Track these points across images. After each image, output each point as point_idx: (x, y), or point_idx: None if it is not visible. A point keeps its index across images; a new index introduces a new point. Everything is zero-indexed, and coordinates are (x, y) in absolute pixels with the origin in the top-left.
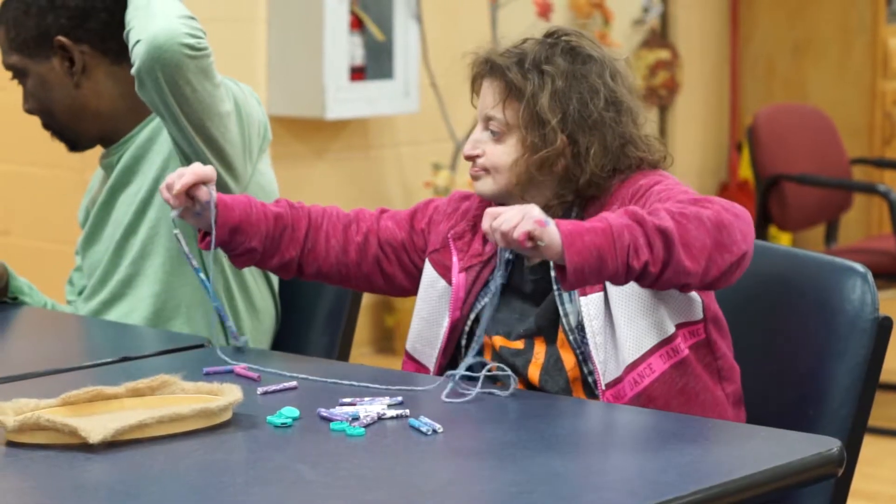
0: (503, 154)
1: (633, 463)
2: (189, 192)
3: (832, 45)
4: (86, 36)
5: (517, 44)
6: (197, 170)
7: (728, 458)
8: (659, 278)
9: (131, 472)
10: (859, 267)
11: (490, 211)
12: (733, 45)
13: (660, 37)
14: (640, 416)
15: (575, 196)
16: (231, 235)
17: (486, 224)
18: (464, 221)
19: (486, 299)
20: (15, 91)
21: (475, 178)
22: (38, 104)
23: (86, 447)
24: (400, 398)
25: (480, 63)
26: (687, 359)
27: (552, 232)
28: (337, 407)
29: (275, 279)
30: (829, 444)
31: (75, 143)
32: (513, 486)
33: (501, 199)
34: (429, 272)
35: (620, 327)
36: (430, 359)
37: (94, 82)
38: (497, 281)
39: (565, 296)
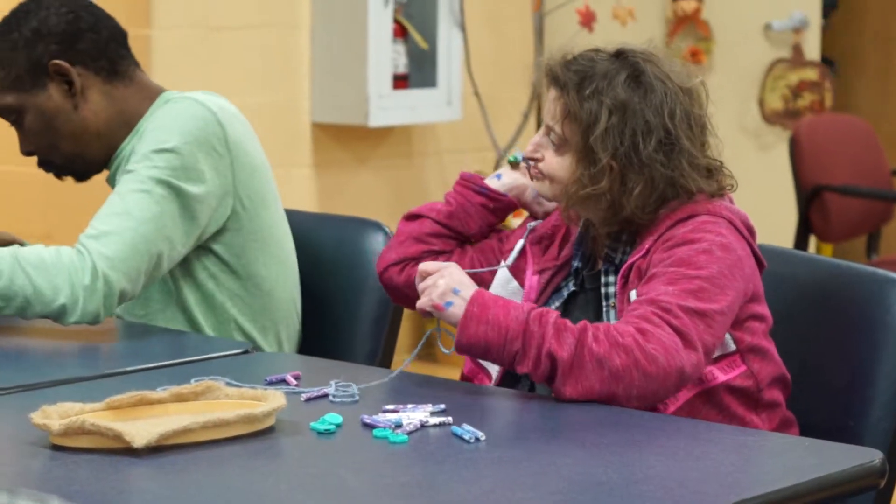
0: (559, 167)
1: (674, 472)
2: None
3: (873, 55)
4: (78, 57)
5: (588, 54)
6: None
7: (769, 469)
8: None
9: (175, 476)
10: None
11: (422, 268)
12: None
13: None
14: (682, 425)
15: (620, 226)
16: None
17: (417, 279)
18: (544, 227)
19: (557, 304)
20: None
21: (534, 178)
22: (40, 139)
23: (130, 451)
24: (443, 405)
25: (546, 72)
26: (716, 389)
27: (451, 314)
28: (380, 414)
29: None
30: (871, 456)
31: (84, 172)
32: (555, 494)
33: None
34: (503, 272)
35: None
36: (496, 366)
37: (91, 103)
38: (569, 288)
39: (612, 312)
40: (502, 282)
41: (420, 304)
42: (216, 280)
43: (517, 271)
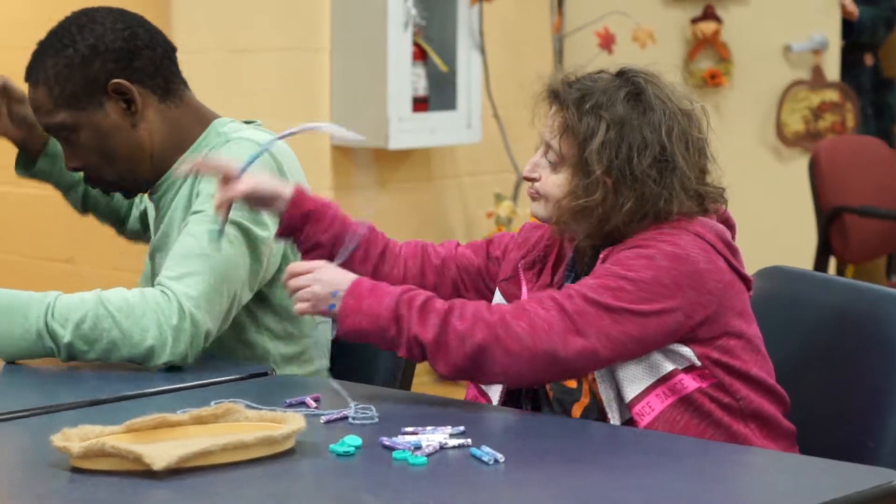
0: (555, 185)
1: (692, 494)
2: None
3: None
4: (135, 75)
5: (591, 74)
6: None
7: (786, 490)
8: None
9: (195, 499)
10: None
11: (291, 269)
12: None
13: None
14: (699, 446)
15: (602, 241)
16: (303, 222)
17: (287, 279)
18: (535, 251)
19: None
20: None
21: (531, 198)
22: (92, 156)
23: (150, 474)
24: (462, 427)
25: (547, 90)
26: (691, 397)
27: (335, 314)
28: (399, 436)
29: None
30: (888, 477)
31: (133, 190)
32: None
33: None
34: (498, 300)
35: (616, 370)
36: (496, 387)
37: (147, 122)
38: None
39: None
40: None
41: (300, 310)
42: (254, 318)
43: (510, 295)
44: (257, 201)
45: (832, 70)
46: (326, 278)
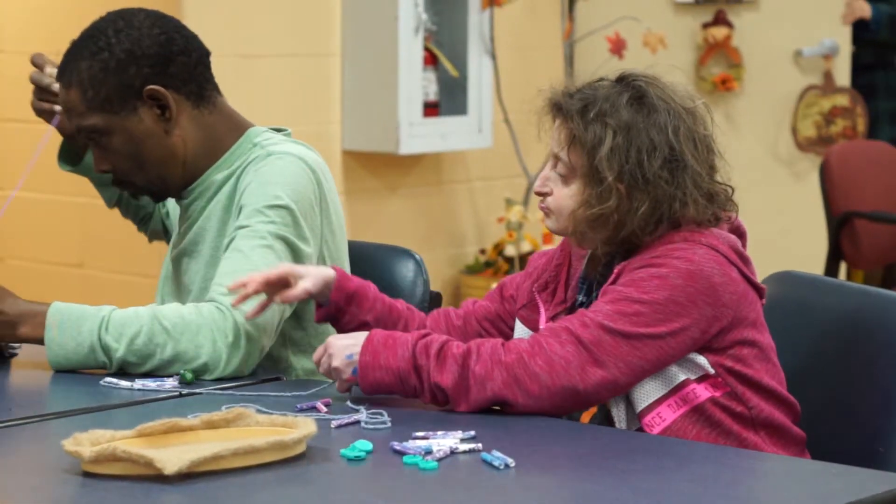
0: (566, 198)
1: (704, 499)
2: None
3: None
4: (170, 81)
5: (591, 83)
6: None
7: (798, 495)
8: None
9: (206, 503)
10: None
11: (315, 359)
12: None
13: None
14: (711, 451)
15: (617, 247)
16: (347, 303)
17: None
18: (545, 273)
19: None
20: None
21: (543, 213)
22: (124, 161)
23: (161, 478)
24: (473, 432)
25: (549, 104)
26: (703, 406)
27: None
28: (410, 440)
29: None
30: None
31: (162, 194)
32: None
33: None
34: (519, 328)
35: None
36: None
37: (181, 128)
38: None
39: None
40: (521, 336)
41: (339, 389)
42: (282, 332)
43: (531, 322)
44: (311, 295)
45: (843, 75)
46: (336, 349)
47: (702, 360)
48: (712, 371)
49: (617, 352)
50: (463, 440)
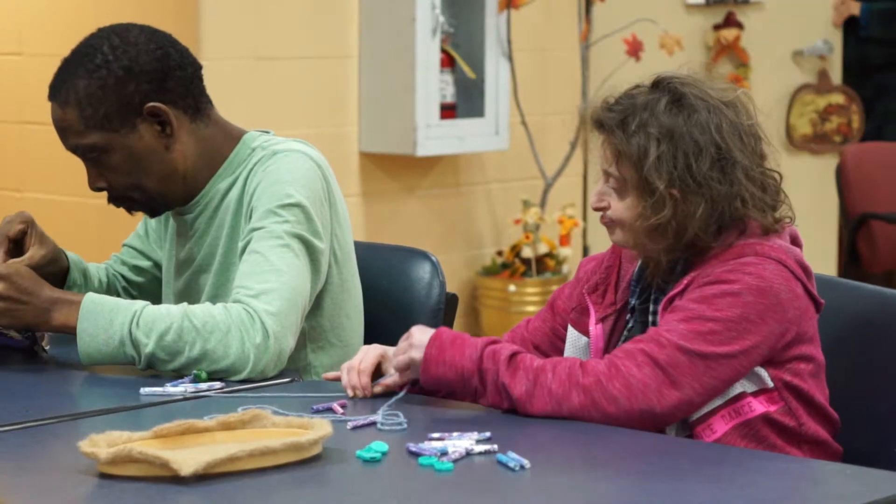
0: (625, 210)
1: (719, 501)
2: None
3: None
4: (169, 97)
5: (628, 92)
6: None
7: (814, 496)
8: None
9: None
10: None
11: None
12: None
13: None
14: (727, 453)
15: (682, 253)
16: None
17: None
18: (595, 275)
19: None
20: None
21: (607, 228)
22: (123, 178)
23: (177, 480)
24: (488, 433)
25: (590, 119)
26: (753, 421)
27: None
28: (425, 442)
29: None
30: None
31: (161, 210)
32: None
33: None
34: (571, 333)
35: None
36: None
37: (181, 143)
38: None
39: None
40: (573, 340)
41: (403, 381)
42: (301, 330)
43: (581, 325)
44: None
45: (836, 74)
46: (417, 341)
47: (763, 373)
48: (771, 384)
49: (692, 372)
50: (478, 441)
